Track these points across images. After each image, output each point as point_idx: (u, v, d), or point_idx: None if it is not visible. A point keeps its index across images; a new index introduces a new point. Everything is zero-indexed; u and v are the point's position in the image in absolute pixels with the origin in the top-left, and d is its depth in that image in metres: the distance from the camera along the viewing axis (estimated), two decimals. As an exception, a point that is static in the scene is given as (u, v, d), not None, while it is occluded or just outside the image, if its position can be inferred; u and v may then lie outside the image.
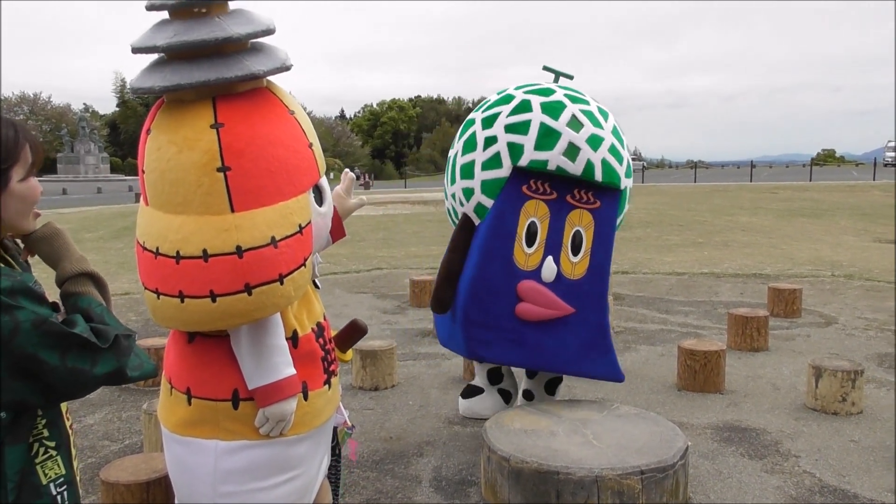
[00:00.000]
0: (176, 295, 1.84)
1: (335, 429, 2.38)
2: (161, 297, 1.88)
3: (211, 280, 1.82)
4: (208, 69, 1.86)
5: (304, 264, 1.96)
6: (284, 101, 2.06)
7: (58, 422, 1.45)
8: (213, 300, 1.82)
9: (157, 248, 1.88)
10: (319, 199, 2.08)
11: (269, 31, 1.97)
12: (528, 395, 3.78)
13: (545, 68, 3.80)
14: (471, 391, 3.98)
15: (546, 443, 2.88)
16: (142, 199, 2.01)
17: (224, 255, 1.82)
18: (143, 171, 1.95)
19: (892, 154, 50.75)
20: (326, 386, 2.16)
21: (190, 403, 2.00)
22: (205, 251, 1.82)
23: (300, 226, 1.95)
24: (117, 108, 68.74)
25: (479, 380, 3.96)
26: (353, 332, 2.42)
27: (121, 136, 66.16)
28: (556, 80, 3.69)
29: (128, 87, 1.95)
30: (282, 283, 1.88)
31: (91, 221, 18.24)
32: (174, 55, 1.90)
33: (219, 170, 1.85)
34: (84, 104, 69.96)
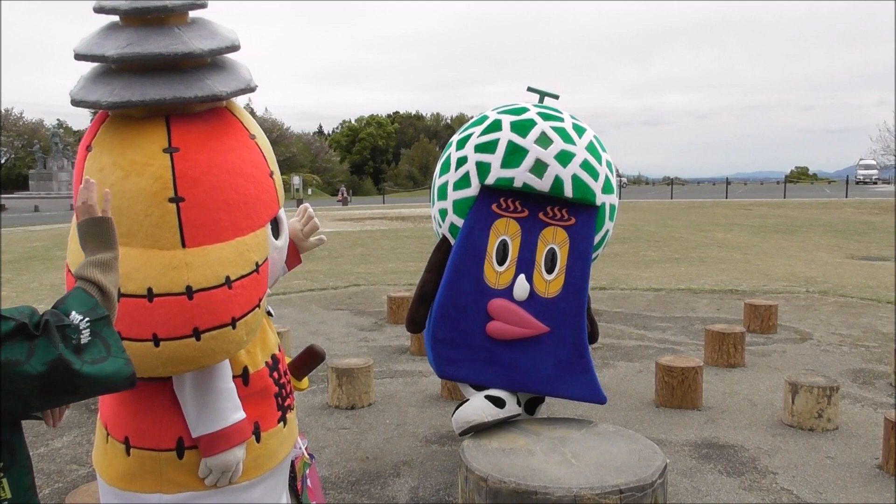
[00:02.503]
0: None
1: (293, 462, 2.23)
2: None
3: (155, 322, 1.64)
4: (164, 86, 1.67)
5: (258, 305, 1.80)
6: (245, 123, 1.88)
7: (12, 442, 1.33)
8: (157, 344, 1.64)
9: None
10: (276, 232, 1.92)
11: (233, 48, 1.79)
12: (528, 409, 3.67)
13: (529, 89, 3.80)
14: (459, 404, 3.93)
15: (524, 462, 2.83)
16: (74, 221, 1.76)
17: (171, 296, 1.64)
18: (75, 205, 1.72)
19: (864, 172, 51.91)
20: (281, 423, 2.01)
21: (129, 454, 1.83)
22: (150, 290, 1.64)
23: (257, 264, 1.78)
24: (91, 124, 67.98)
25: (465, 392, 3.91)
26: (310, 359, 2.27)
27: (96, 151, 65.46)
28: (540, 100, 3.70)
29: (71, 99, 1.74)
30: (234, 328, 1.72)
31: (63, 239, 17.84)
32: (125, 67, 1.70)
33: (171, 200, 1.66)
34: (57, 120, 69.18)
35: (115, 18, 1.77)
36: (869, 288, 8.80)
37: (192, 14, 1.81)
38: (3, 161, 60.02)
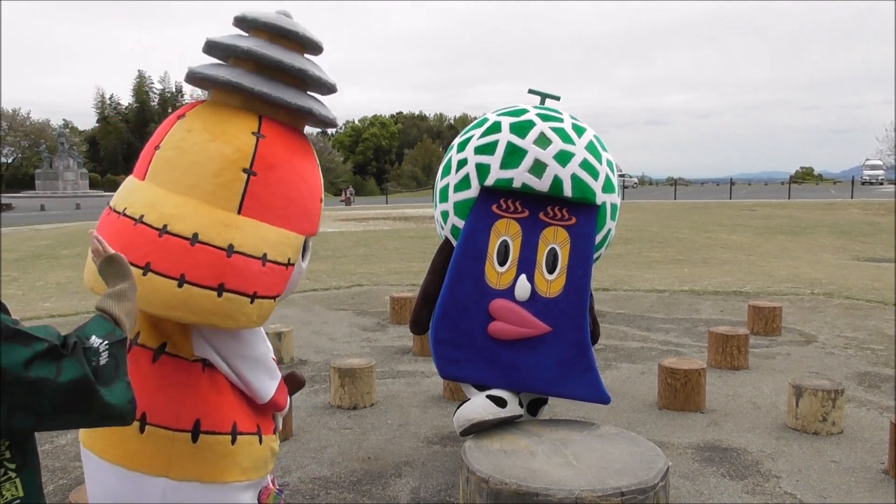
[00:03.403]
0: (141, 266, 1.74)
1: (259, 493, 2.22)
2: None
3: (188, 264, 1.75)
4: (273, 87, 1.94)
5: (274, 298, 1.90)
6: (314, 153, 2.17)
7: (25, 444, 1.40)
8: (180, 285, 1.74)
9: (142, 216, 1.81)
10: (303, 255, 2.08)
11: (333, 89, 2.13)
12: (531, 410, 3.66)
13: (531, 91, 3.80)
14: (460, 404, 3.92)
15: (526, 463, 2.82)
16: (134, 173, 1.99)
17: (213, 247, 1.78)
18: (157, 148, 1.94)
19: (870, 172, 51.73)
20: (276, 433, 2.12)
21: (143, 431, 1.85)
22: (195, 235, 1.78)
23: (289, 260, 1.93)
24: (97, 124, 68.28)
25: (467, 392, 3.90)
26: (291, 384, 2.33)
27: (100, 152, 65.64)
28: (542, 102, 3.70)
29: (189, 70, 2.00)
30: (251, 302, 1.82)
31: (68, 238, 18.01)
32: (245, 63, 1.98)
33: (244, 171, 1.86)
34: (63, 120, 69.53)
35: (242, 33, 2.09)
36: (874, 290, 8.75)
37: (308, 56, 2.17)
38: (9, 161, 60.26)
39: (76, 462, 3.75)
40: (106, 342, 1.40)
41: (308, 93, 2.10)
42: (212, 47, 2.01)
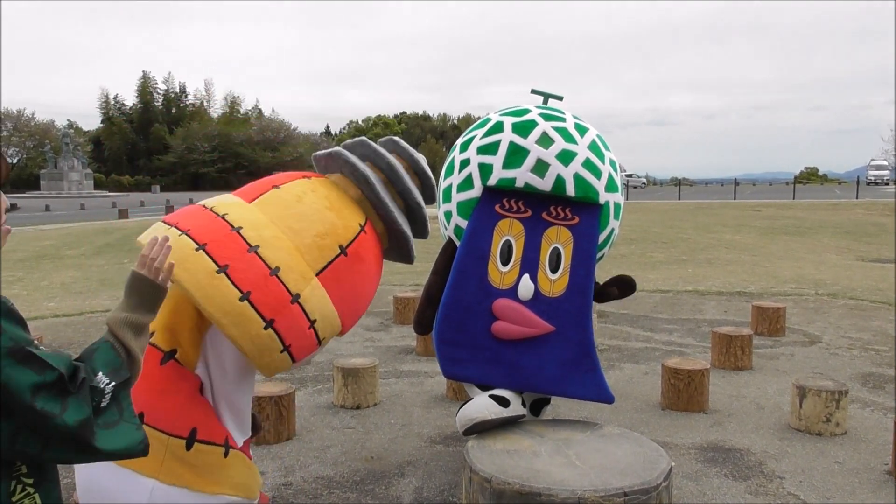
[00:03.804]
0: (220, 266, 1.84)
1: None
2: (201, 251, 1.84)
3: (258, 287, 1.85)
4: (392, 205, 2.25)
5: (293, 359, 2.01)
6: None
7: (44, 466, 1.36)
8: (242, 300, 1.82)
9: (240, 228, 1.91)
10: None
11: (424, 236, 2.52)
12: (534, 410, 3.66)
13: (534, 91, 3.80)
14: (463, 403, 3.92)
15: (528, 463, 2.82)
16: (237, 193, 2.14)
17: (284, 287, 1.89)
18: (276, 187, 2.11)
19: (875, 173, 51.57)
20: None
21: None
22: (277, 268, 1.89)
23: (322, 339, 2.05)
24: (101, 125, 68.46)
25: (470, 392, 3.90)
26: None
27: (105, 152, 65.82)
28: (545, 102, 3.70)
29: (339, 149, 2.29)
30: (281, 352, 1.92)
31: (73, 238, 18.05)
32: (378, 170, 2.29)
33: (340, 247, 2.05)
34: (68, 120, 69.71)
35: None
36: (879, 290, 8.73)
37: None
38: (14, 161, 60.47)
39: (80, 461, 3.76)
40: (112, 384, 1.34)
41: (410, 222, 2.38)
42: (358, 145, 2.31)
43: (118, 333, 1.41)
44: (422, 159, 2.38)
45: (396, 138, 2.41)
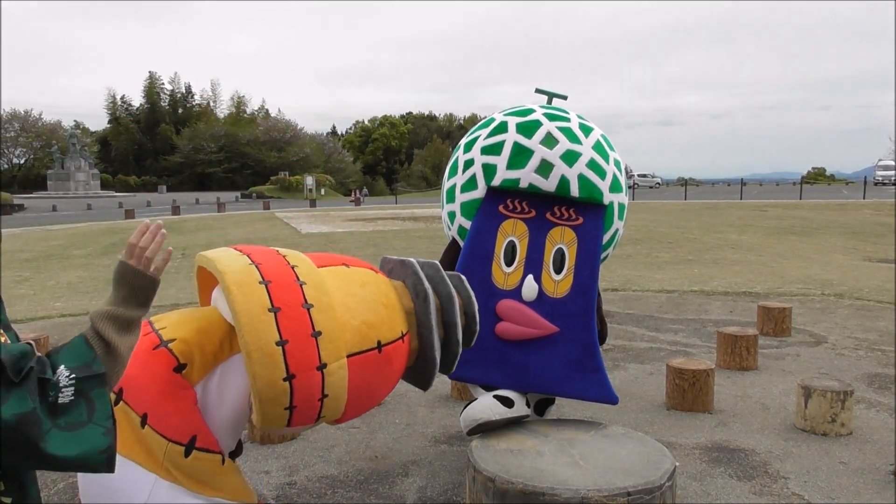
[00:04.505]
0: (274, 306, 1.93)
1: None
2: (263, 286, 1.93)
3: (297, 341, 1.93)
4: (436, 328, 2.35)
5: (286, 426, 2.07)
6: None
7: (24, 479, 1.23)
8: (278, 344, 1.89)
9: (303, 283, 2.03)
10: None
11: (448, 371, 2.58)
12: (538, 410, 3.66)
13: (538, 90, 3.79)
14: (467, 403, 3.93)
15: (532, 463, 2.82)
16: (312, 258, 2.24)
17: (317, 352, 1.97)
18: (347, 266, 2.27)
19: (882, 173, 51.28)
20: None
21: (143, 427, 1.90)
22: (319, 332, 1.98)
23: (320, 418, 2.12)
24: (108, 125, 68.70)
25: (474, 393, 3.91)
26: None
27: (112, 152, 66.06)
28: (549, 102, 3.70)
29: (412, 263, 2.45)
30: (284, 409, 1.98)
31: (80, 238, 18.14)
32: (436, 294, 2.41)
33: (378, 342, 2.14)
34: (75, 121, 70.03)
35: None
36: (886, 291, 8.68)
37: None
38: (22, 161, 60.74)
39: (87, 460, 3.78)
40: (73, 376, 1.16)
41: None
42: (429, 265, 2.44)
43: (98, 327, 1.26)
44: (475, 304, 2.54)
45: (463, 277, 2.58)
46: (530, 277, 3.18)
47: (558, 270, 3.22)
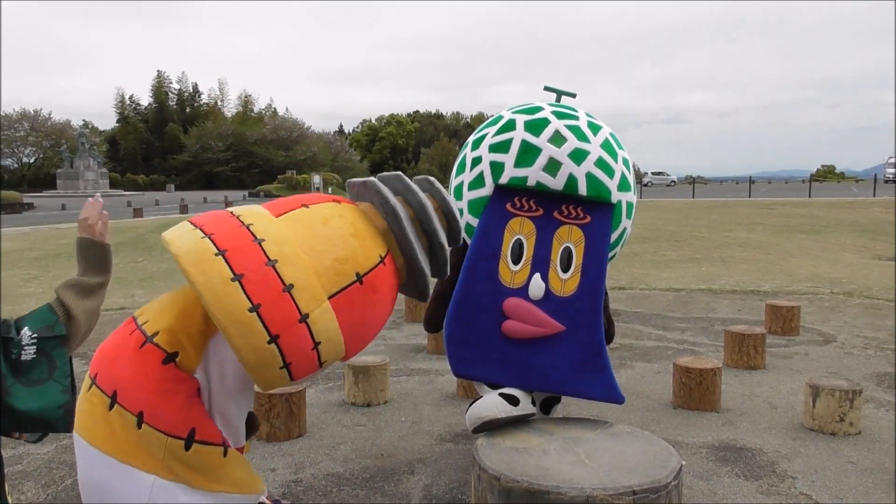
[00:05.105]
0: (236, 274, 1.85)
1: None
2: (220, 257, 1.85)
3: (270, 301, 1.85)
4: (416, 242, 2.25)
5: (291, 379, 2.02)
6: None
7: None
8: (251, 311, 1.82)
9: (262, 241, 1.93)
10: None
11: (443, 275, 2.48)
12: (544, 408, 3.66)
13: (546, 88, 3.78)
14: (473, 401, 3.92)
15: (537, 461, 2.82)
16: (267, 206, 2.15)
17: (293, 303, 1.89)
18: (306, 206, 2.13)
19: (893, 170, 50.88)
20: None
21: (139, 427, 1.87)
22: (291, 286, 1.89)
23: (323, 363, 2.06)
24: (117, 124, 69.03)
25: (480, 391, 3.90)
26: (248, 425, 2.38)
27: (120, 151, 66.37)
28: (557, 99, 3.69)
29: (373, 182, 2.31)
30: (281, 368, 1.92)
31: (88, 236, 18.15)
32: (407, 206, 2.31)
33: (357, 275, 2.06)
34: (84, 120, 70.40)
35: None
36: None
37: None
38: (31, 161, 61.12)
39: (94, 457, 3.80)
40: (35, 336, 1.27)
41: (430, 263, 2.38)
42: (393, 178, 2.34)
43: (60, 295, 1.40)
44: (453, 202, 2.45)
45: (432, 178, 2.47)
46: (537, 276, 3.17)
47: (565, 269, 3.21)
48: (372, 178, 2.30)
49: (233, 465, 1.98)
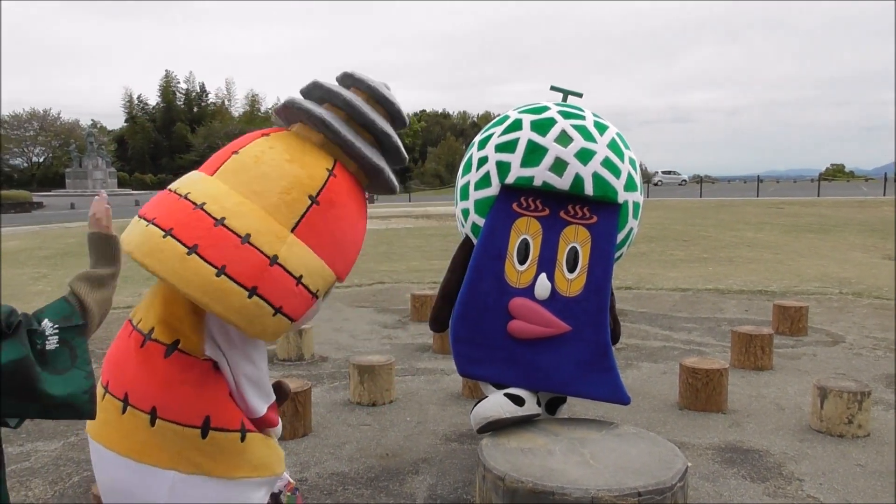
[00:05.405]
0: (188, 245, 1.81)
1: (279, 494, 2.31)
2: (168, 237, 1.81)
3: (232, 259, 1.82)
4: (356, 139, 2.13)
5: (292, 322, 1.97)
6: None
7: None
8: (218, 275, 1.80)
9: (203, 203, 1.88)
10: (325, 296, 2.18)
11: (404, 162, 2.34)
12: (549, 409, 3.64)
13: (553, 88, 3.77)
14: (478, 401, 3.92)
15: (542, 462, 2.81)
16: (202, 169, 2.10)
17: (259, 252, 1.86)
18: (235, 153, 2.06)
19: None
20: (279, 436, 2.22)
21: (153, 425, 1.88)
22: (248, 235, 1.85)
23: (317, 292, 2.00)
24: (125, 124, 69.31)
25: (485, 391, 3.90)
26: (277, 393, 2.37)
27: (128, 151, 66.64)
28: (564, 99, 3.67)
29: (290, 99, 2.21)
30: (274, 315, 1.88)
31: (97, 234, 18.23)
32: (337, 109, 2.17)
33: (310, 197, 1.99)
34: (92, 120, 70.65)
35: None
36: (905, 290, 8.56)
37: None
38: (41, 160, 61.48)
39: (100, 455, 3.81)
40: (56, 326, 1.33)
41: (383, 152, 2.27)
42: (313, 88, 2.20)
43: (73, 287, 1.46)
44: (380, 86, 2.28)
45: (351, 70, 2.30)
46: (543, 276, 3.16)
47: (572, 269, 3.20)
48: (291, 97, 2.19)
49: (251, 450, 1.97)
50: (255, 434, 1.99)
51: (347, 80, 2.26)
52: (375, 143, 2.20)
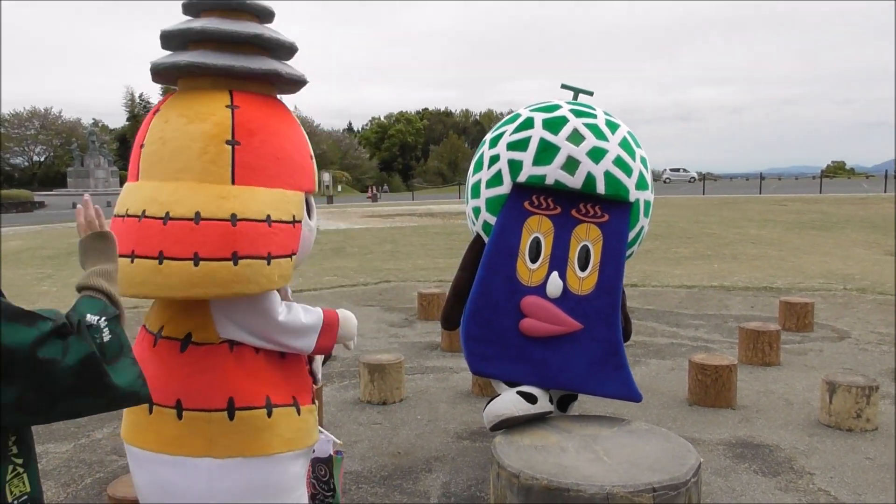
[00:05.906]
0: (154, 256, 1.79)
1: (327, 459, 2.32)
2: (135, 259, 1.80)
3: (198, 243, 1.79)
4: (233, 59, 1.97)
5: (291, 256, 1.93)
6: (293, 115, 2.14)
7: (25, 437, 1.36)
8: (196, 264, 1.77)
9: (143, 212, 1.85)
10: (308, 213, 2.10)
11: (294, 48, 2.13)
12: (561, 406, 3.66)
13: (564, 86, 3.78)
14: (490, 399, 3.94)
15: (556, 459, 2.83)
16: (129, 179, 2.03)
17: (217, 220, 1.81)
18: (142, 146, 1.97)
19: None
20: (314, 403, 2.12)
21: (180, 418, 1.89)
22: (197, 213, 1.81)
23: (294, 217, 1.95)
24: (127, 122, 69.31)
25: (497, 389, 3.92)
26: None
27: (130, 150, 66.75)
28: (575, 97, 3.69)
29: (152, 64, 2.04)
30: (268, 263, 1.85)
31: (100, 234, 18.24)
32: (201, 42, 2.00)
33: (227, 142, 1.89)
34: (94, 119, 70.70)
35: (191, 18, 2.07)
36: (909, 285, 8.57)
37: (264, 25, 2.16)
38: (42, 159, 61.50)
39: (113, 456, 3.84)
40: (104, 318, 1.34)
41: (272, 55, 2.12)
42: (168, 38, 2.04)
43: (92, 284, 1.44)
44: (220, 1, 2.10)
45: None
46: (555, 274, 3.18)
47: (583, 267, 3.22)
48: (151, 62, 2.06)
49: (280, 424, 1.95)
50: (280, 409, 1.96)
51: (191, 9, 2.09)
52: (255, 49, 2.05)
